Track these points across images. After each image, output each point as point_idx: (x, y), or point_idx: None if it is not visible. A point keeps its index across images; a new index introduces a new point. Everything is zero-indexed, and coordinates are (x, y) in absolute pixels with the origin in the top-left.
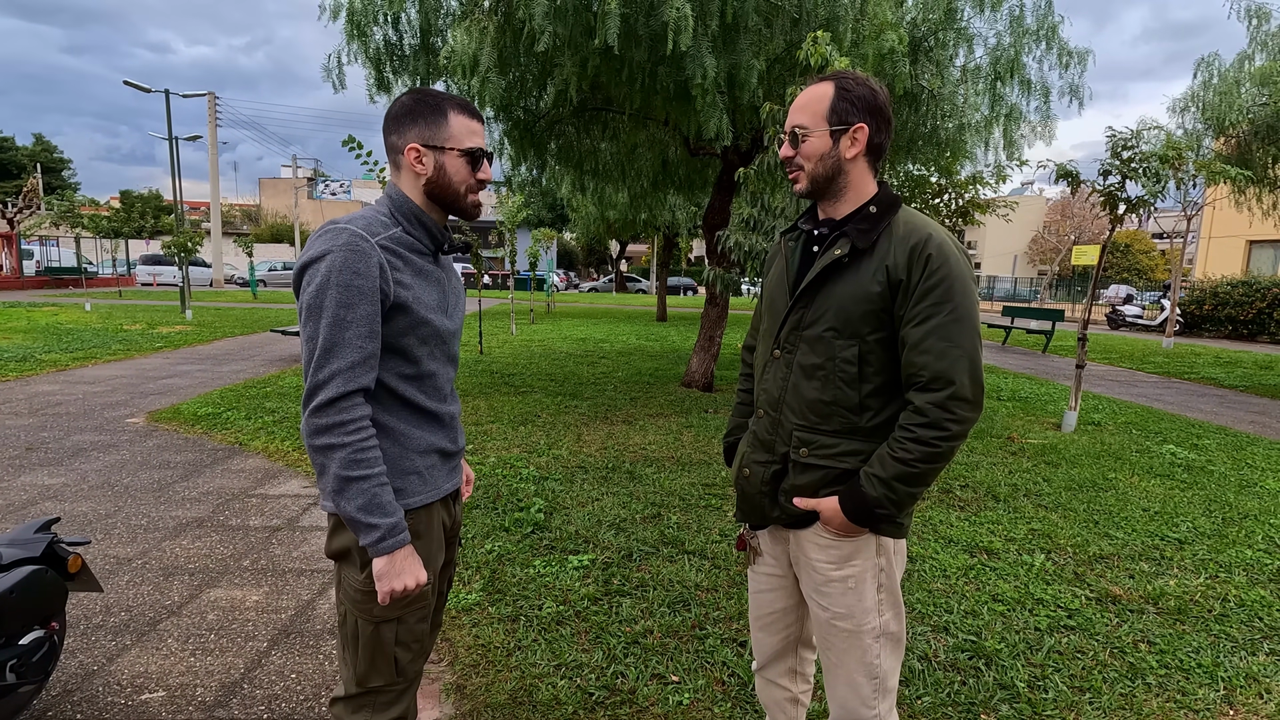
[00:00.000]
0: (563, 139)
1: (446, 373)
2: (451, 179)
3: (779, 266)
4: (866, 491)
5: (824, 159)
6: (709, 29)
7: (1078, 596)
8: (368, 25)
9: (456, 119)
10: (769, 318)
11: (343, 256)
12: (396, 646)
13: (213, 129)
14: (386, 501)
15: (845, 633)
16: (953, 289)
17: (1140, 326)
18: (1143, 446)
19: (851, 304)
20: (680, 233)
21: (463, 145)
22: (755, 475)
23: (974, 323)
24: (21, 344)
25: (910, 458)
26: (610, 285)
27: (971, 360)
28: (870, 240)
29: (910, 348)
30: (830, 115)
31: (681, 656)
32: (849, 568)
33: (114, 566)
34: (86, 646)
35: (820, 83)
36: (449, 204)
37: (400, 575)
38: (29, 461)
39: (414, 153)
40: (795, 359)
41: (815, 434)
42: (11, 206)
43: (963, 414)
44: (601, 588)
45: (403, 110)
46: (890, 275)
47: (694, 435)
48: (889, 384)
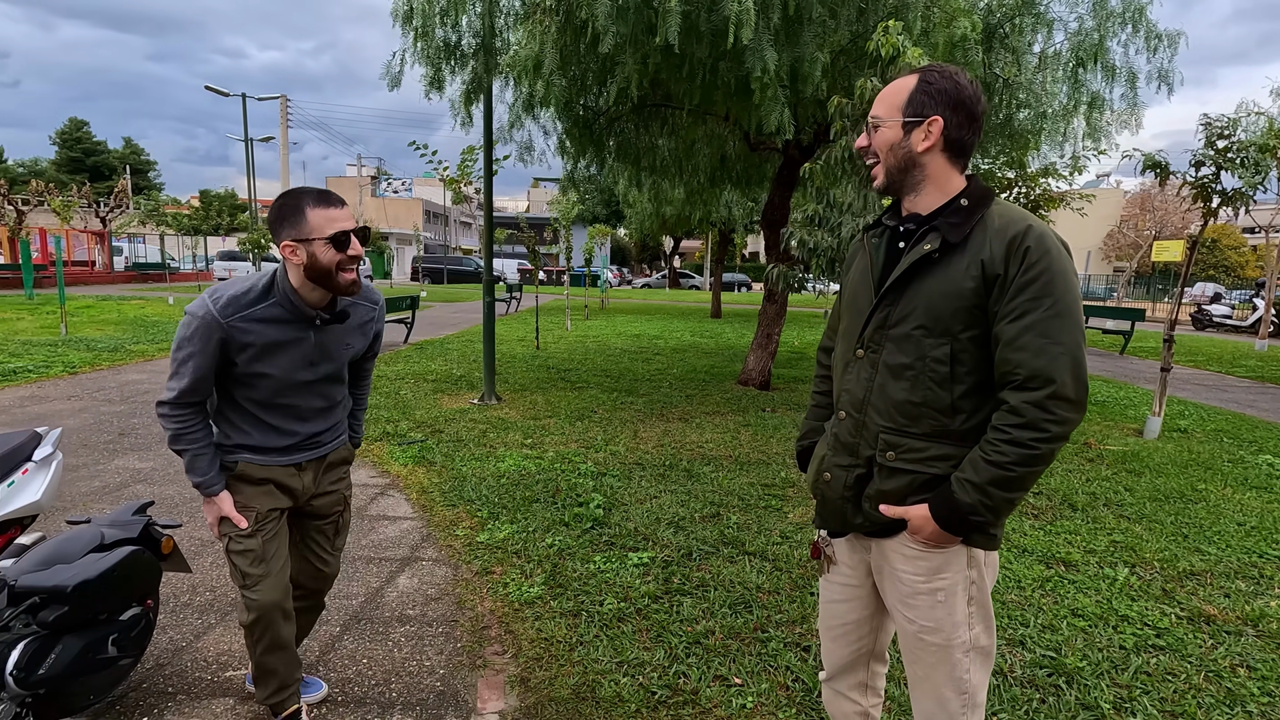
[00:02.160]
0: (621, 135)
1: (309, 403)
2: (322, 263)
3: (862, 263)
4: (959, 498)
5: (894, 150)
6: (770, 22)
7: (1167, 615)
8: (431, 26)
9: (314, 213)
10: (851, 316)
11: (197, 324)
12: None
13: (284, 130)
14: (201, 465)
15: (934, 647)
16: (1053, 283)
17: (1229, 327)
18: (1235, 456)
19: (942, 300)
20: (736, 229)
21: (324, 234)
22: (837, 480)
23: (1077, 318)
24: (113, 335)
25: (1005, 460)
26: (663, 281)
27: (1074, 358)
28: (963, 234)
29: (1005, 344)
30: (906, 106)
31: (744, 659)
32: (939, 580)
33: (198, 548)
34: (176, 623)
35: (907, 75)
36: (325, 284)
37: (210, 511)
38: (121, 446)
39: (288, 249)
40: (881, 358)
41: (903, 437)
42: (104, 206)
43: (1063, 414)
44: (662, 586)
45: (274, 216)
46: (986, 269)
47: (752, 434)
48: (982, 384)
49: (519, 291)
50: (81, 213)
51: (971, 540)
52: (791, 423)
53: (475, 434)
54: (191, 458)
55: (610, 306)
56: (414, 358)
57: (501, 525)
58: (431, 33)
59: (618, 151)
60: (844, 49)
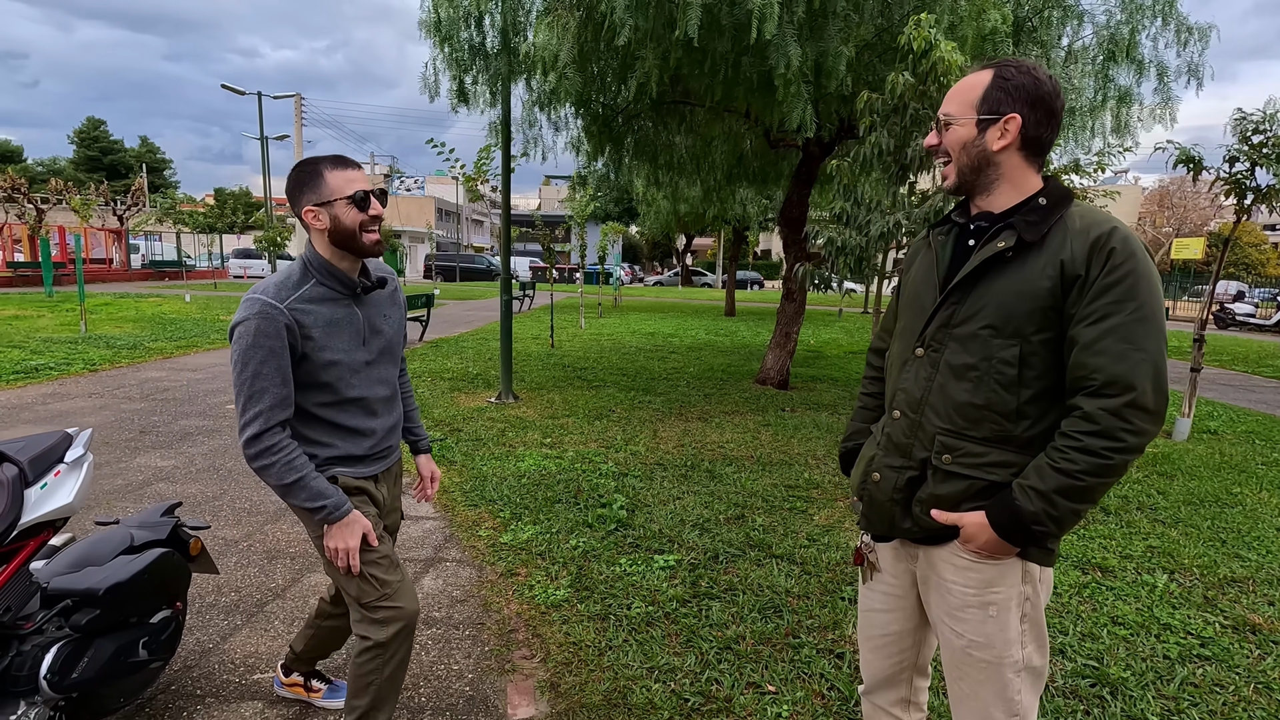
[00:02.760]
0: (639, 133)
1: (375, 392)
2: (345, 224)
3: (926, 260)
4: (1022, 505)
5: (967, 149)
6: (794, 16)
7: (1210, 623)
8: (455, 30)
9: (332, 175)
10: (911, 314)
11: (256, 323)
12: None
13: (299, 128)
14: (323, 487)
15: (983, 664)
16: (1138, 286)
17: (1253, 326)
18: (1269, 459)
19: (1015, 300)
20: (751, 226)
21: (345, 194)
22: (886, 481)
23: (1161, 325)
24: (131, 333)
25: (1075, 469)
26: (676, 279)
27: (1156, 366)
28: (1040, 233)
29: (1082, 348)
30: (980, 104)
31: (777, 665)
32: (991, 594)
33: (223, 548)
34: (202, 624)
35: (980, 70)
36: (350, 246)
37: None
38: (143, 444)
39: (310, 214)
40: (943, 357)
41: (961, 440)
42: (121, 204)
43: (1141, 424)
44: (689, 589)
45: (292, 185)
46: (1065, 270)
47: (772, 434)
48: (1051, 390)
49: (532, 289)
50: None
51: (1028, 554)
52: (812, 423)
53: (494, 433)
54: (310, 483)
55: (623, 304)
56: (430, 356)
57: (524, 526)
58: (456, 36)
59: (635, 149)
60: (868, 43)
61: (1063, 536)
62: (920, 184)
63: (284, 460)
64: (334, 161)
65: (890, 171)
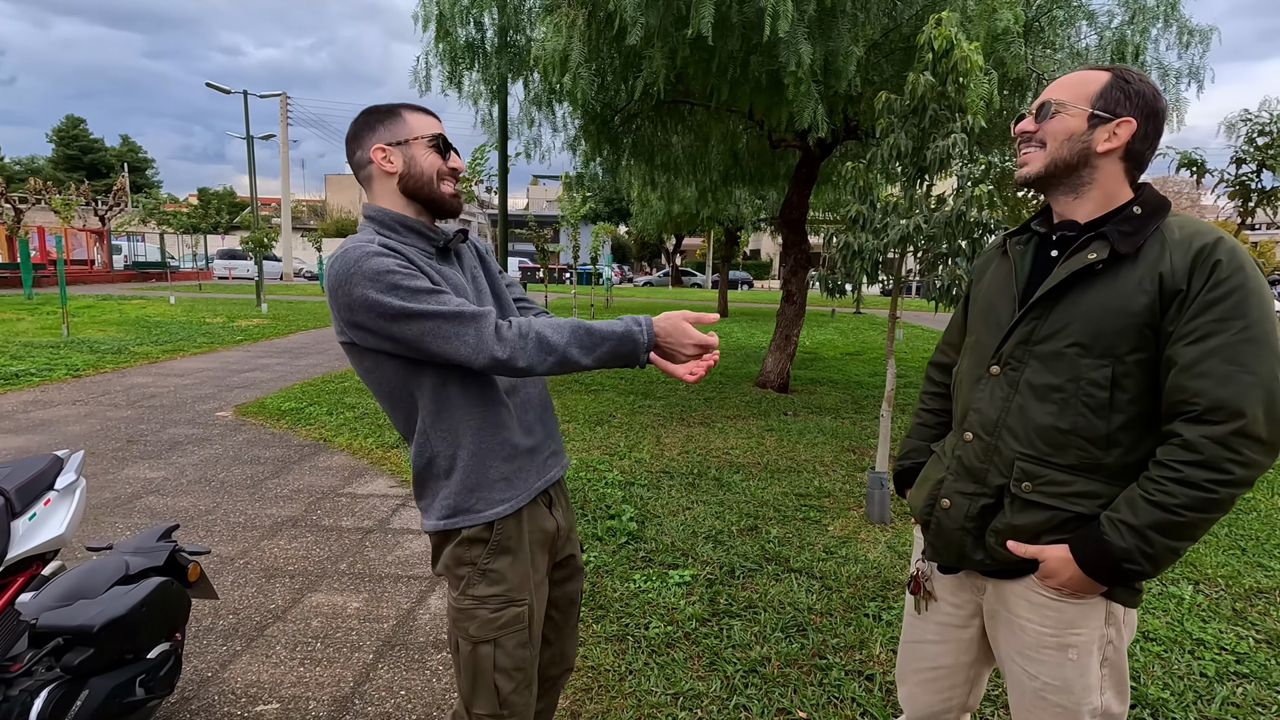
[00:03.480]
0: (638, 133)
1: None
2: (423, 168)
3: (1001, 272)
4: (1112, 541)
5: (1071, 141)
6: (805, 14)
7: (1244, 638)
8: (452, 26)
9: (413, 116)
10: (984, 329)
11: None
12: (496, 673)
13: (284, 127)
14: (597, 329)
15: (1057, 709)
16: (1247, 303)
17: None
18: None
19: (1106, 317)
20: (744, 227)
21: (428, 133)
22: (957, 508)
23: (1274, 346)
24: (116, 336)
25: (1174, 503)
26: (665, 279)
27: (1269, 391)
28: (1136, 244)
29: (1182, 369)
30: (1097, 99)
31: (806, 689)
32: (1071, 635)
33: (218, 566)
34: (199, 650)
35: (1094, 68)
36: (426, 197)
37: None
38: (130, 454)
39: (380, 153)
40: (1023, 377)
41: (1044, 467)
42: (103, 204)
43: (1252, 456)
44: (708, 607)
45: (359, 125)
46: (1165, 284)
47: (777, 439)
48: (1146, 415)
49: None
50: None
51: (1113, 594)
52: (816, 427)
53: None
54: (581, 335)
55: (615, 305)
56: None
57: None
58: (454, 32)
59: (633, 149)
60: (875, 43)
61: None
62: (937, 188)
63: (535, 341)
64: (416, 106)
65: (909, 173)
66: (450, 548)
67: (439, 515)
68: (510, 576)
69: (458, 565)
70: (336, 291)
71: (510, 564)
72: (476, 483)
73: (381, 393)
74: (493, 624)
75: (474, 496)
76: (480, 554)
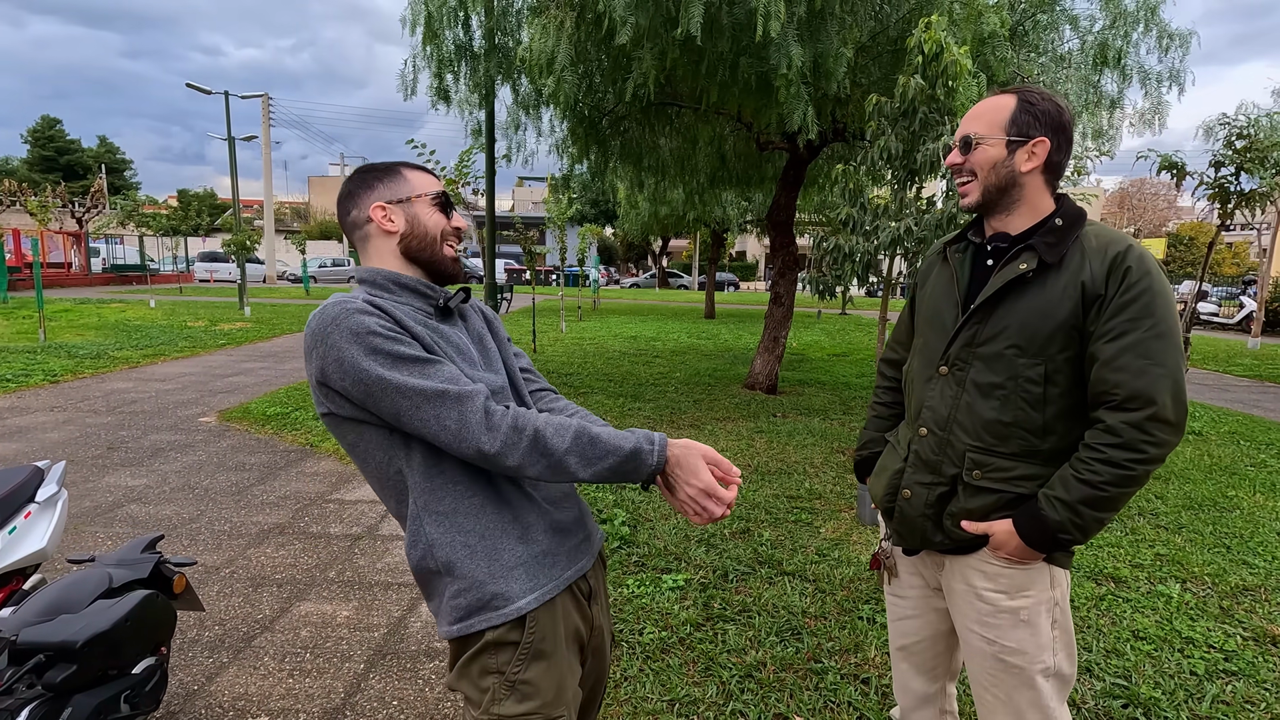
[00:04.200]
0: (625, 135)
1: None
2: (427, 227)
3: (944, 279)
4: (1047, 515)
5: (996, 169)
6: (795, 15)
7: (1231, 636)
8: (441, 29)
9: (414, 174)
10: (932, 332)
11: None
12: None
13: (266, 129)
14: (602, 441)
15: (1015, 670)
16: (1155, 303)
17: (1216, 325)
18: (1257, 460)
19: (1038, 321)
20: (730, 228)
21: (430, 191)
22: (917, 497)
23: (1178, 340)
24: (95, 340)
25: (1099, 480)
26: (652, 281)
27: (1175, 380)
28: (1059, 254)
29: (1102, 364)
30: (1009, 126)
31: (803, 694)
32: (1022, 598)
33: (204, 575)
34: (185, 663)
35: (1000, 94)
36: (428, 260)
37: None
38: (111, 461)
39: (380, 211)
40: (968, 376)
41: (990, 456)
42: (80, 206)
43: (1162, 436)
44: (702, 612)
45: (355, 183)
46: (1087, 290)
47: (766, 441)
48: (1076, 405)
49: (509, 292)
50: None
51: (1053, 558)
52: (805, 429)
53: None
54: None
55: (602, 307)
56: None
57: None
58: (442, 34)
59: (621, 151)
60: (862, 46)
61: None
62: (927, 190)
63: (532, 439)
64: (413, 165)
65: (899, 176)
66: (470, 656)
67: (451, 619)
68: (545, 688)
69: (481, 676)
70: (311, 351)
71: (545, 671)
72: (489, 572)
73: (368, 470)
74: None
75: (488, 589)
76: (509, 660)
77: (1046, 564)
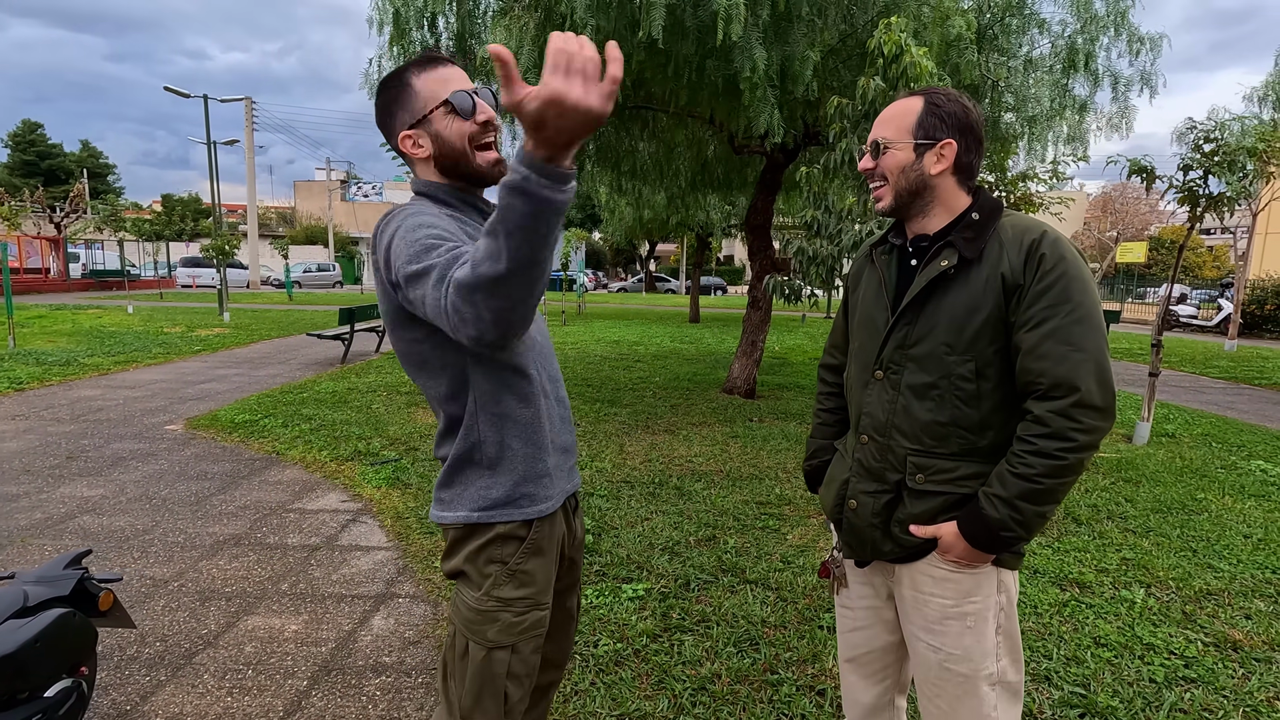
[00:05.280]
0: (601, 139)
1: (549, 345)
2: (451, 141)
3: (872, 281)
4: (988, 513)
5: (906, 173)
6: (760, 19)
7: (1192, 641)
8: (409, 30)
9: (420, 79)
10: (864, 336)
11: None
12: (509, 679)
13: (249, 133)
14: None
15: (960, 678)
16: (1070, 288)
17: (1195, 327)
18: (1228, 462)
19: (965, 316)
20: (714, 233)
21: (439, 99)
22: (864, 507)
23: (1098, 323)
24: (65, 347)
25: (1033, 473)
26: (639, 285)
27: (1098, 363)
28: (978, 249)
29: (1025, 353)
30: (916, 129)
31: (755, 707)
32: (969, 604)
33: (149, 590)
34: (119, 682)
35: (909, 97)
36: (463, 172)
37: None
38: (69, 471)
39: (408, 140)
40: (903, 379)
41: (931, 458)
42: (59, 211)
43: (1091, 422)
44: (660, 622)
45: (381, 110)
46: (1006, 281)
47: (741, 446)
48: (1008, 399)
49: None
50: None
51: (1001, 560)
52: (780, 433)
53: None
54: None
55: (587, 311)
56: (386, 368)
57: None
58: (409, 34)
59: (597, 156)
60: (832, 49)
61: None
62: None
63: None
64: (422, 63)
65: (861, 179)
66: (476, 544)
67: (472, 506)
68: (539, 579)
69: (486, 564)
70: (377, 248)
71: (540, 565)
72: (525, 475)
73: (429, 364)
74: (514, 628)
75: (519, 490)
76: (513, 553)
77: (994, 566)
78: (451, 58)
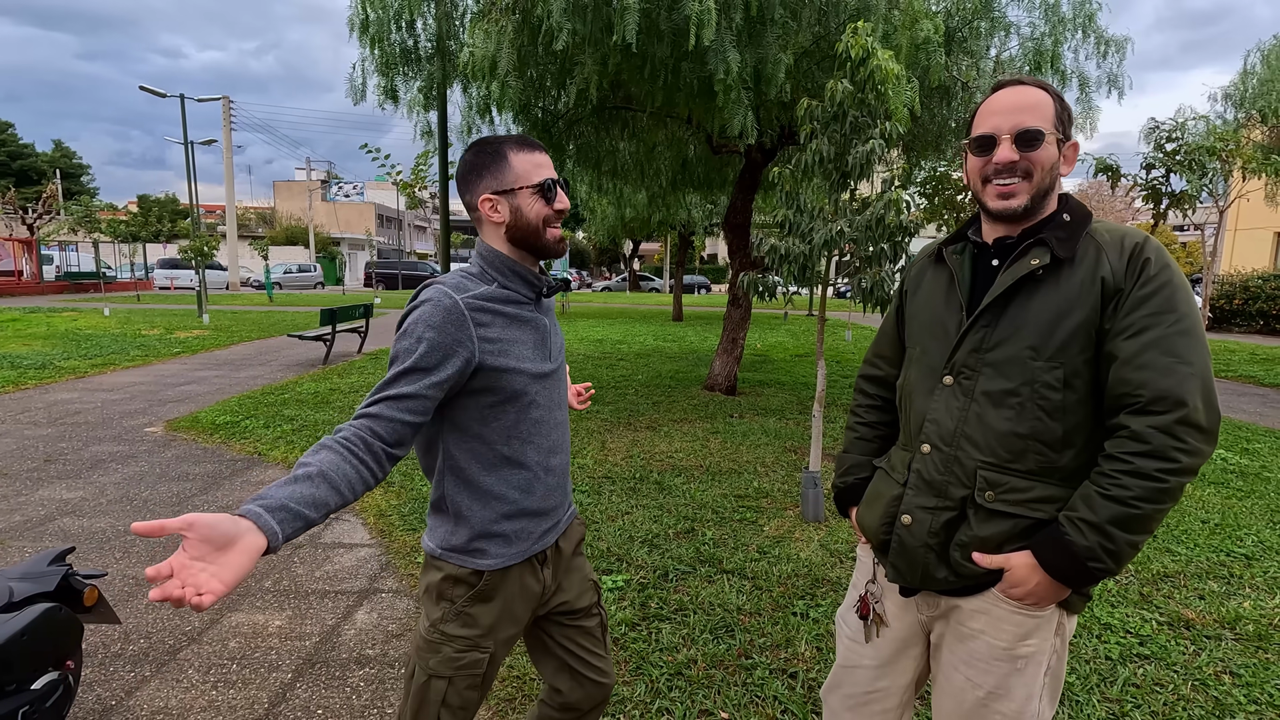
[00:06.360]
0: (581, 139)
1: (555, 416)
2: (530, 219)
3: (941, 282)
4: (1074, 540)
5: (1051, 170)
6: (733, 22)
7: (1148, 621)
8: (385, 32)
9: (517, 158)
10: (931, 340)
11: (445, 310)
12: (442, 708)
13: (227, 133)
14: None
15: (998, 716)
16: (1176, 297)
17: None
18: None
19: (1055, 319)
20: (696, 231)
21: (531, 181)
22: (920, 524)
23: (1204, 338)
24: (41, 351)
25: (1129, 495)
26: (623, 284)
27: (1205, 381)
28: (1072, 249)
29: (1123, 363)
30: (1056, 123)
31: (730, 690)
32: (1024, 646)
33: (132, 589)
34: (104, 678)
35: (1028, 86)
36: (531, 245)
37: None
38: (47, 474)
39: (488, 203)
40: (977, 385)
41: (1005, 474)
42: (31, 212)
43: (1195, 444)
44: (639, 611)
45: (467, 168)
46: (1107, 285)
47: (721, 441)
48: (1093, 415)
49: None
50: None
51: (1066, 601)
52: (760, 429)
53: None
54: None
55: (571, 310)
56: (369, 369)
57: None
58: (387, 38)
59: (578, 155)
60: (806, 51)
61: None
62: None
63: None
64: (519, 143)
65: (832, 179)
66: (436, 577)
67: (437, 543)
68: (483, 623)
69: (438, 599)
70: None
71: (486, 611)
72: (477, 534)
73: None
74: (453, 663)
75: (473, 545)
76: (461, 595)
77: (1058, 607)
78: (543, 146)
